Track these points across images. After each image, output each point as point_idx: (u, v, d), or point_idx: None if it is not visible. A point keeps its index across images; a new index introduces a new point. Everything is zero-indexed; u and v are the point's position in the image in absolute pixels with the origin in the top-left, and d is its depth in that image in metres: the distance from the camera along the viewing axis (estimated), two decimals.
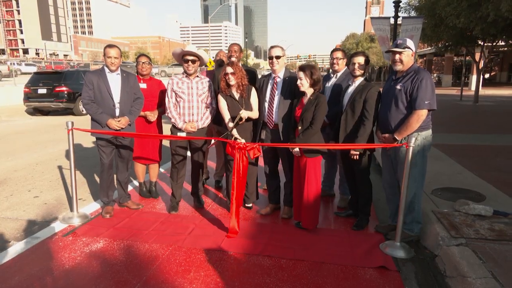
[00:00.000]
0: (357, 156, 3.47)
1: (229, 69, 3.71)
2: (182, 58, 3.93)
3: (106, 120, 3.74)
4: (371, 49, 44.49)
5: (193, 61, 3.90)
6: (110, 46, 3.80)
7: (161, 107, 4.44)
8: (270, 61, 3.69)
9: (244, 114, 3.63)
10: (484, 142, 7.22)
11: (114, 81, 3.83)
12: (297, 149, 3.45)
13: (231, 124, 3.71)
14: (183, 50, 3.90)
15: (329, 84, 4.12)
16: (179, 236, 3.48)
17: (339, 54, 4.06)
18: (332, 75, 4.15)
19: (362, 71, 3.53)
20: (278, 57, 3.66)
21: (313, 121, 3.36)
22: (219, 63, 4.85)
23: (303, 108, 3.43)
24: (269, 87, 3.80)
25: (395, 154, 3.38)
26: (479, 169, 5.16)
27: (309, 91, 3.44)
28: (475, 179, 4.70)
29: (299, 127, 3.45)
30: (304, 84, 3.40)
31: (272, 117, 3.74)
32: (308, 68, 3.40)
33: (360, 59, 3.50)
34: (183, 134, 4.02)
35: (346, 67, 4.09)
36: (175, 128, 4.06)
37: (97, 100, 3.77)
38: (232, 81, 3.72)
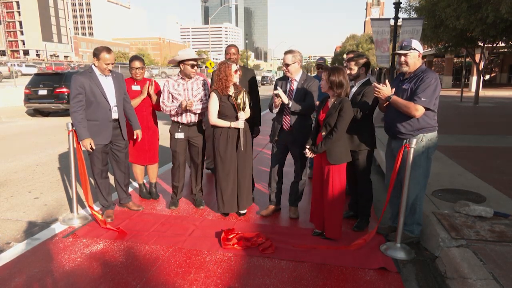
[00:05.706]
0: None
1: (235, 67, 3.75)
2: (180, 62, 3.93)
3: (87, 138, 3.55)
4: (371, 51, 44.55)
5: (198, 66, 3.98)
6: (108, 51, 3.62)
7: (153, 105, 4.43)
8: (283, 68, 3.86)
9: (241, 116, 3.72)
10: (485, 143, 7.22)
11: (108, 84, 3.71)
12: (307, 150, 3.37)
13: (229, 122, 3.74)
14: (190, 55, 3.91)
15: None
16: (179, 238, 3.48)
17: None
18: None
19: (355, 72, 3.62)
20: (287, 65, 3.78)
21: (335, 128, 3.20)
22: None
23: (327, 113, 3.30)
24: (286, 91, 3.85)
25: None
26: (480, 170, 5.15)
27: (331, 94, 3.33)
28: (476, 180, 4.70)
29: (323, 133, 3.31)
30: (323, 84, 3.31)
31: (289, 120, 3.79)
32: (328, 70, 3.27)
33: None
34: (181, 136, 4.04)
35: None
36: (174, 129, 4.07)
37: (91, 105, 3.59)
38: (236, 78, 3.76)
